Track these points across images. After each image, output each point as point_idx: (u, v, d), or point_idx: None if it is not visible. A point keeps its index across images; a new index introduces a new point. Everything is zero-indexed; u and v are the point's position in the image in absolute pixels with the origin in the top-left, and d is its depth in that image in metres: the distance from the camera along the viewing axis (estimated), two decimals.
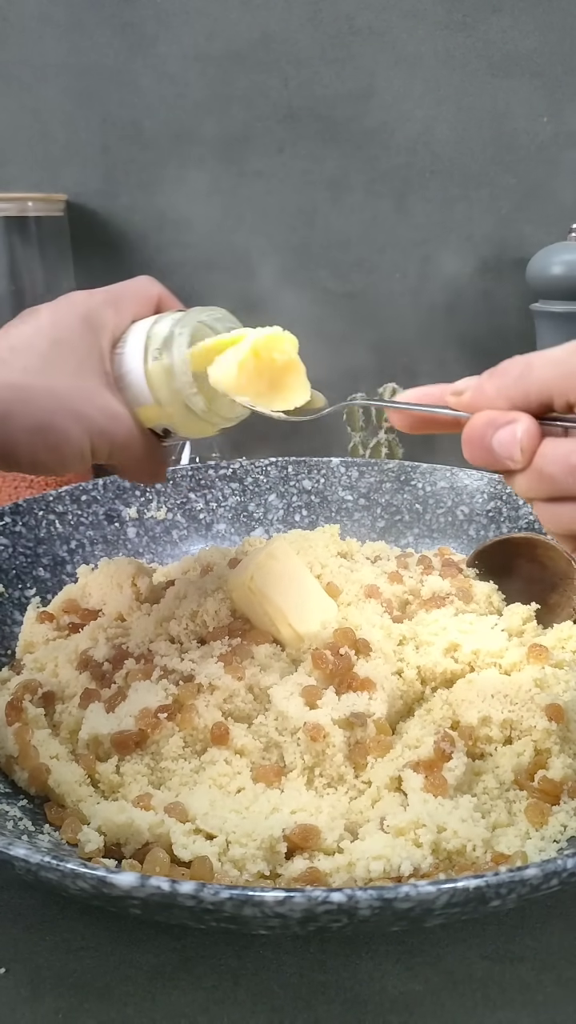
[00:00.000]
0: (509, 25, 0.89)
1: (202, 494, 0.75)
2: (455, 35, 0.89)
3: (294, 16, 0.90)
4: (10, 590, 0.62)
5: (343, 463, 0.77)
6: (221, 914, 0.31)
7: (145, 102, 0.93)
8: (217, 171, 0.95)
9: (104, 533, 0.70)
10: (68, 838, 0.41)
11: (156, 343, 0.45)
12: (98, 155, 0.94)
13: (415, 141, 0.93)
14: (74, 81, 0.92)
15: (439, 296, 0.98)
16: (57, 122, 0.93)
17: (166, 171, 0.95)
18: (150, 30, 0.90)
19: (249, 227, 0.96)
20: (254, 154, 0.94)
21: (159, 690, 0.47)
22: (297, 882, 0.38)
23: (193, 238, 0.97)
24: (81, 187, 0.95)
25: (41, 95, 0.93)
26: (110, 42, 0.91)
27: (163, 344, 0.45)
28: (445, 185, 0.94)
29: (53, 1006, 0.37)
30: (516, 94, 0.91)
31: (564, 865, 0.31)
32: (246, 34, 0.90)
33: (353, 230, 0.97)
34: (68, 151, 0.94)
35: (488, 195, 0.94)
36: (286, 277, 0.98)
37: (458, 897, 0.30)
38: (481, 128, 0.92)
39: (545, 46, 0.89)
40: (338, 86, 0.92)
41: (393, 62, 0.90)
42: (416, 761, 0.43)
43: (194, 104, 0.92)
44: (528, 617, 0.57)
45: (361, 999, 0.37)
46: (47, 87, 0.92)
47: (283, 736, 0.46)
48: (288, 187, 0.95)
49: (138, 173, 0.95)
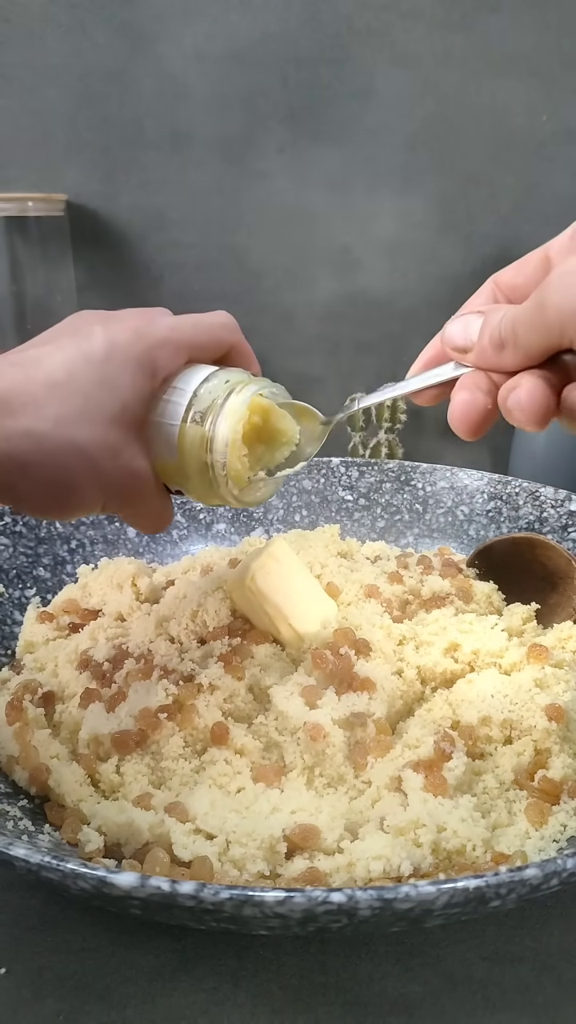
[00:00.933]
0: (508, 24, 0.89)
1: None
2: (454, 35, 0.89)
3: (294, 16, 0.90)
4: (10, 590, 0.62)
5: (343, 463, 0.77)
6: (221, 914, 0.31)
7: (145, 102, 0.93)
8: (217, 171, 0.95)
9: (104, 533, 0.70)
10: (68, 838, 0.41)
11: (200, 405, 0.41)
12: (98, 155, 0.94)
13: (415, 140, 0.93)
14: (75, 81, 0.92)
15: (439, 296, 0.98)
16: (57, 122, 0.93)
17: (166, 171, 0.95)
18: (150, 30, 0.90)
19: (249, 227, 0.96)
20: (254, 154, 0.94)
21: (159, 690, 0.47)
22: (297, 882, 0.38)
23: (193, 238, 0.97)
24: (81, 187, 0.95)
25: (42, 95, 0.93)
26: (110, 42, 0.91)
27: (207, 410, 0.41)
28: (445, 184, 0.94)
29: (54, 1008, 0.37)
30: (515, 93, 0.91)
31: (564, 865, 0.31)
32: (246, 34, 0.90)
33: (353, 230, 0.96)
34: (68, 151, 0.94)
35: (488, 194, 0.94)
36: (286, 277, 0.98)
37: (458, 897, 0.30)
38: (480, 127, 0.92)
39: (543, 45, 0.89)
40: (338, 86, 0.92)
41: (392, 62, 0.90)
42: (416, 761, 0.43)
43: (194, 104, 0.92)
44: (528, 617, 0.57)
45: (361, 1000, 0.37)
46: (48, 87, 0.92)
47: (283, 736, 0.46)
48: (288, 187, 0.95)
49: (138, 173, 0.95)
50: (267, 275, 0.97)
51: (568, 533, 0.66)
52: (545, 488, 0.69)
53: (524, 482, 0.71)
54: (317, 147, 0.93)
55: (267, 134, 0.93)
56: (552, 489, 0.69)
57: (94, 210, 0.96)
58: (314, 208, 0.96)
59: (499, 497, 0.71)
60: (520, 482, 0.71)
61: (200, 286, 0.98)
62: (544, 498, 0.69)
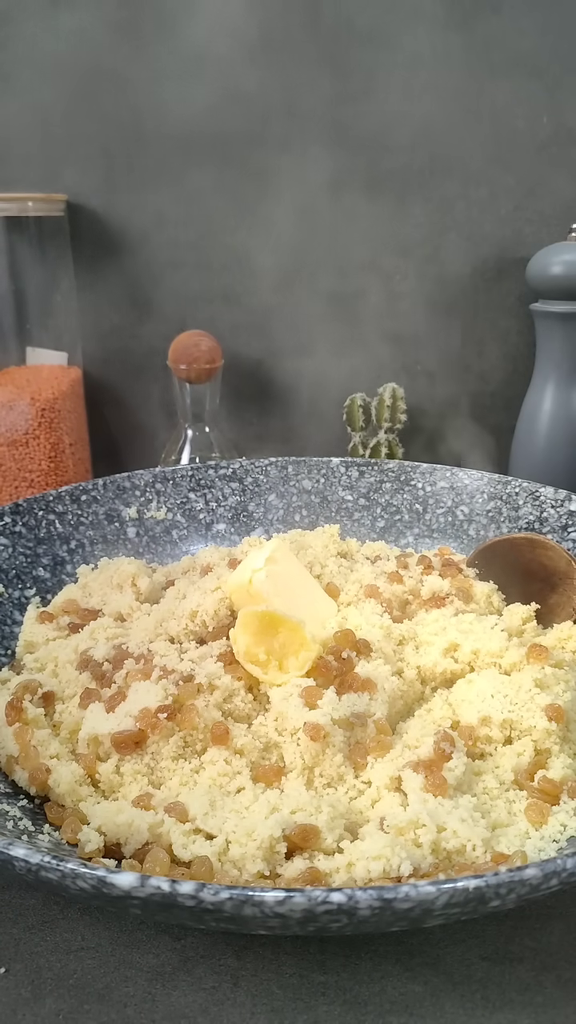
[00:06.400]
0: (508, 25, 0.89)
1: (202, 494, 0.75)
2: (454, 35, 0.89)
3: (294, 16, 0.90)
4: (10, 590, 0.62)
5: (343, 463, 0.77)
6: (221, 914, 0.31)
7: (145, 102, 0.93)
8: (217, 171, 0.95)
9: (104, 533, 0.70)
10: (68, 838, 0.41)
11: None
12: (98, 155, 0.94)
13: (415, 141, 0.93)
14: (74, 81, 0.92)
15: (439, 296, 0.98)
16: (57, 122, 0.93)
17: (166, 171, 0.95)
18: (150, 30, 0.90)
19: (249, 227, 0.96)
20: (254, 154, 0.94)
21: (159, 690, 0.47)
22: (297, 882, 0.38)
23: (193, 238, 0.97)
24: (81, 187, 0.95)
25: (41, 95, 0.93)
26: (110, 42, 0.91)
27: None
28: (445, 185, 0.94)
29: (54, 1007, 0.37)
30: (515, 94, 0.91)
31: (564, 865, 0.31)
32: (246, 34, 0.90)
33: (353, 230, 0.97)
34: (68, 151, 0.94)
35: (488, 195, 0.94)
36: (286, 277, 0.98)
37: (458, 897, 0.30)
38: (481, 128, 0.92)
39: (544, 46, 0.89)
40: (338, 86, 0.92)
41: (393, 62, 0.90)
42: (416, 761, 0.43)
43: (194, 104, 0.92)
44: (528, 617, 0.57)
45: (361, 1000, 0.37)
46: (47, 87, 0.92)
47: (283, 737, 0.46)
48: (288, 187, 0.95)
49: (138, 173, 0.95)
50: (267, 275, 0.97)
51: (568, 533, 0.66)
52: (545, 488, 0.69)
53: (524, 482, 0.71)
54: (317, 147, 0.93)
55: (267, 134, 0.93)
56: (552, 489, 0.69)
57: (94, 210, 0.96)
58: (314, 208, 0.96)
59: (499, 497, 0.71)
60: (520, 482, 0.71)
61: (200, 286, 0.98)
62: (544, 498, 0.69)
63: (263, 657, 0.49)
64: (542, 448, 0.88)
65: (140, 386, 1.03)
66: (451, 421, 1.01)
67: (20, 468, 0.87)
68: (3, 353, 0.93)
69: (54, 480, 0.88)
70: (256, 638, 0.49)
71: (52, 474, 0.88)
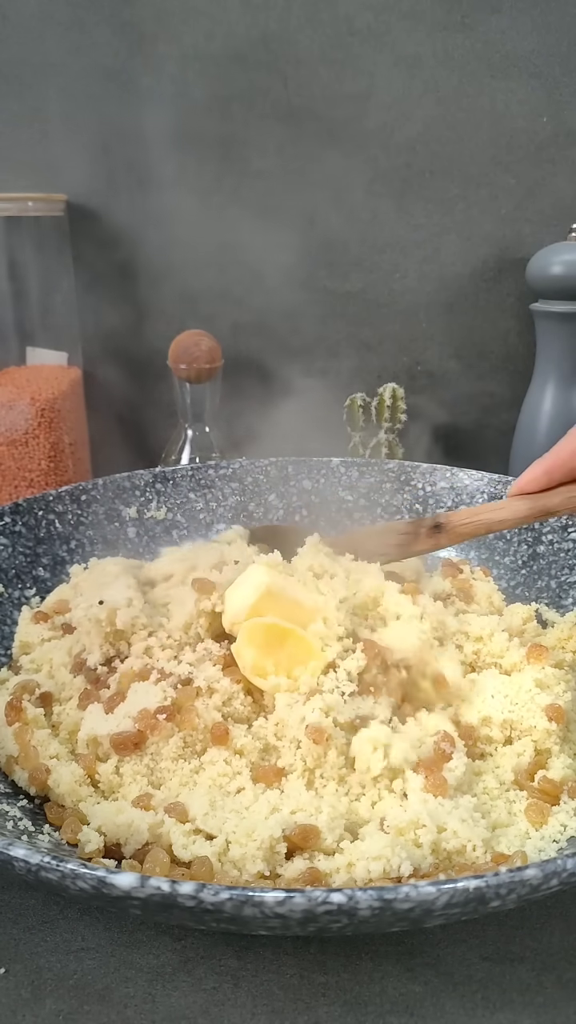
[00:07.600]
0: (508, 25, 0.89)
1: (202, 494, 0.75)
2: (454, 36, 0.89)
3: (294, 16, 0.89)
4: (10, 590, 0.62)
5: (343, 463, 0.77)
6: (221, 915, 0.31)
7: (145, 102, 0.93)
8: (217, 171, 0.95)
9: (104, 533, 0.70)
10: (68, 838, 0.41)
11: None
12: (98, 155, 0.94)
13: (415, 141, 0.93)
14: (74, 81, 0.92)
15: (439, 296, 0.98)
16: (57, 122, 0.93)
17: (166, 171, 0.95)
18: (150, 30, 0.90)
19: (249, 227, 0.96)
20: (254, 154, 0.94)
21: (158, 691, 0.47)
22: (297, 882, 0.38)
23: (193, 238, 0.97)
24: (81, 187, 0.95)
25: (41, 95, 0.92)
26: (110, 42, 0.91)
27: None
28: (445, 185, 0.94)
29: (54, 1008, 0.37)
30: (515, 94, 0.91)
31: (564, 865, 0.31)
32: (246, 34, 0.90)
33: (353, 230, 0.96)
34: (68, 151, 0.94)
35: (488, 195, 0.94)
36: (286, 277, 0.98)
37: (458, 897, 0.30)
38: (481, 128, 0.92)
39: (544, 46, 0.89)
40: (338, 86, 0.92)
41: (392, 63, 0.90)
42: (416, 761, 0.43)
43: (194, 104, 0.92)
44: (528, 617, 0.57)
45: (361, 1000, 0.37)
46: (47, 87, 0.92)
47: (282, 741, 0.45)
48: (288, 187, 0.95)
49: (138, 173, 0.95)
50: (267, 275, 0.97)
51: (568, 533, 0.66)
52: None
53: None
54: (317, 147, 0.93)
55: (267, 134, 0.93)
56: None
57: (94, 210, 0.96)
58: (314, 208, 0.96)
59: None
60: None
61: (200, 286, 0.98)
62: None
63: (271, 669, 0.47)
64: (542, 448, 0.87)
65: (140, 386, 1.03)
66: (451, 421, 1.01)
67: (20, 468, 0.87)
68: (3, 353, 0.93)
69: (54, 480, 0.88)
70: (262, 651, 0.47)
71: (52, 474, 0.88)
